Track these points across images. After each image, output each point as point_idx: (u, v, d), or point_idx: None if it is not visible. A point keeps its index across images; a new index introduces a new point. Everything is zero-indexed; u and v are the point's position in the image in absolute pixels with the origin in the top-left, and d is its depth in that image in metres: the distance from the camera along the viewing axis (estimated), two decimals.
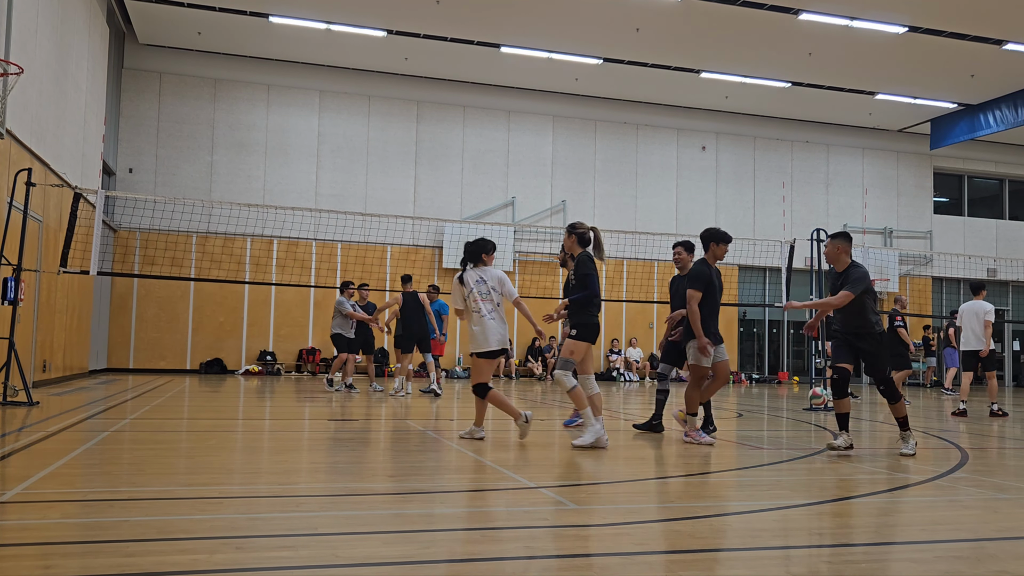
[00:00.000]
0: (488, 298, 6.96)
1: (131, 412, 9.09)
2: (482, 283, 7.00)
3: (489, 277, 7.03)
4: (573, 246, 7.18)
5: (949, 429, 9.63)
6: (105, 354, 19.26)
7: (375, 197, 21.43)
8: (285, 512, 4.08)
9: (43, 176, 12.46)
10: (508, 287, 7.07)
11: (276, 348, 20.57)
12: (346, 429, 8.11)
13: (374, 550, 3.35)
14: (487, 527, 3.92)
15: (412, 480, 5.15)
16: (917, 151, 26.12)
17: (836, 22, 17.42)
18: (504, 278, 7.09)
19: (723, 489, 5.20)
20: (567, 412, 10.06)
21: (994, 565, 3.31)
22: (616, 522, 3.95)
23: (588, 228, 7.20)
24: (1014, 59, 19.15)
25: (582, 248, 7.15)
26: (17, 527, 3.57)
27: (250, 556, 3.19)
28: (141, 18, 18.67)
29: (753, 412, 11.82)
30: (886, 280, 24.36)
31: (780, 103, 23.34)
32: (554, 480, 5.22)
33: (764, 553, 3.46)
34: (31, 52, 11.66)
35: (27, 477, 4.75)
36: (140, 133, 20.19)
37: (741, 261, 22.96)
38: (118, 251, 19.27)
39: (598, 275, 7.12)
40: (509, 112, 22.76)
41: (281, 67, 21.16)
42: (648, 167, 23.76)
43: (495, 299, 6.98)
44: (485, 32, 18.89)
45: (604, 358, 22.73)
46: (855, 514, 4.40)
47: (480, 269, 7.08)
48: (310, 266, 20.77)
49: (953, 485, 5.30)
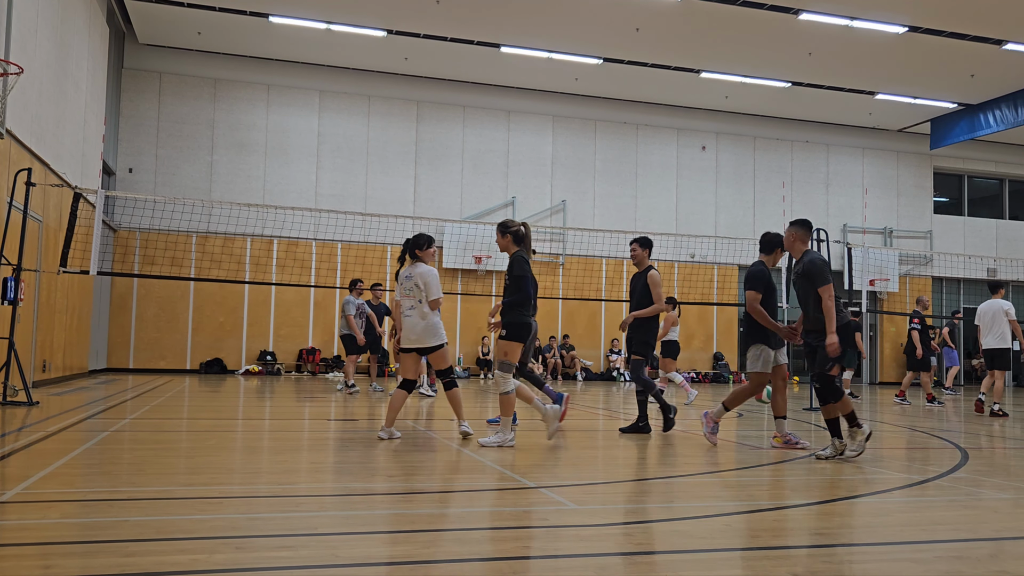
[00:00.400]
0: (410, 295, 6.97)
1: (131, 412, 9.09)
2: (408, 279, 7.01)
3: (415, 274, 7.00)
4: (508, 245, 6.91)
5: (949, 429, 9.64)
6: (105, 354, 19.26)
7: (375, 197, 21.43)
8: (285, 512, 4.09)
9: (43, 176, 12.45)
10: (432, 288, 6.97)
11: (276, 348, 20.57)
12: (346, 429, 8.11)
13: (374, 550, 3.35)
14: (487, 527, 3.92)
15: (412, 480, 5.15)
16: (917, 151, 26.11)
17: (836, 22, 17.41)
18: (430, 278, 6.99)
19: (723, 489, 5.20)
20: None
21: (994, 565, 3.31)
22: (616, 522, 3.95)
23: (519, 225, 6.95)
24: (1014, 59, 19.15)
25: (517, 247, 6.91)
26: (17, 527, 3.57)
27: (250, 556, 3.19)
28: (141, 18, 18.67)
29: (753, 412, 11.81)
30: (886, 280, 24.37)
31: (780, 103, 23.34)
32: (554, 480, 5.22)
33: (764, 553, 3.46)
34: (31, 52, 11.66)
35: (27, 477, 4.75)
36: (140, 133, 20.18)
37: (741, 261, 22.96)
38: (118, 251, 19.26)
39: (532, 276, 6.96)
40: (509, 112, 22.76)
41: (281, 67, 21.16)
42: (648, 167, 23.76)
43: (417, 296, 6.96)
44: (485, 32, 18.88)
45: (604, 358, 22.73)
46: (855, 514, 4.40)
47: (412, 265, 7.09)
48: (310, 266, 20.77)
49: (953, 485, 5.30)
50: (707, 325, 23.88)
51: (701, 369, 23.59)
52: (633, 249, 8.19)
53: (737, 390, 7.18)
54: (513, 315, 6.79)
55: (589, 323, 22.48)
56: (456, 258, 21.31)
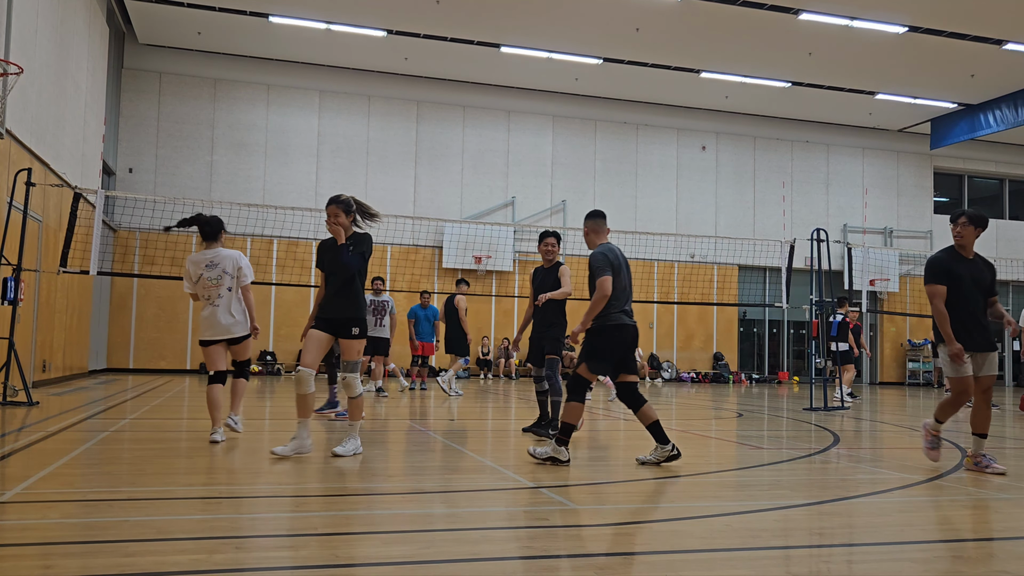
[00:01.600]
0: (217, 282, 6.52)
1: (131, 412, 9.09)
2: (213, 266, 6.54)
3: (223, 259, 6.58)
4: (349, 227, 5.97)
5: (949, 429, 9.63)
6: (105, 354, 19.26)
7: (375, 197, 21.40)
8: (285, 512, 4.08)
9: (43, 176, 12.45)
10: (249, 272, 6.62)
11: (276, 348, 20.57)
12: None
13: (374, 550, 3.35)
14: (487, 527, 3.92)
15: (412, 480, 5.15)
16: (917, 151, 26.11)
17: (836, 22, 17.42)
18: (243, 262, 6.61)
19: (723, 489, 5.20)
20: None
21: (994, 565, 3.31)
22: (616, 522, 3.95)
23: (348, 197, 6.00)
24: (1014, 59, 19.15)
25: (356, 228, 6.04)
26: (17, 527, 3.57)
27: (250, 556, 3.19)
28: (141, 18, 18.67)
29: (753, 412, 11.81)
30: (886, 280, 24.37)
31: (780, 103, 23.34)
32: (554, 480, 5.22)
33: (764, 553, 3.46)
34: (31, 52, 11.66)
35: (27, 477, 4.75)
36: (140, 133, 20.19)
37: (741, 261, 22.97)
38: (118, 251, 19.26)
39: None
40: (509, 112, 22.76)
41: (281, 67, 21.16)
42: (648, 167, 23.76)
43: (227, 283, 6.54)
44: (485, 32, 18.88)
45: None
46: (855, 514, 4.39)
47: (213, 250, 6.62)
48: (310, 266, 20.75)
49: (953, 485, 5.30)
50: (707, 325, 23.88)
51: (701, 369, 23.59)
52: (552, 244, 7.64)
53: (942, 402, 6.14)
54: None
55: None
56: (456, 258, 21.31)
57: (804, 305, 14.16)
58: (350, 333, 5.82)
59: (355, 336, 5.83)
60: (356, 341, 5.84)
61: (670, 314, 23.48)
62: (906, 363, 25.32)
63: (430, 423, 8.90)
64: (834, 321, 14.17)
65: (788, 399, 15.51)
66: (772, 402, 14.51)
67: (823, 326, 13.55)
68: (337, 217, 5.88)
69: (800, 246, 15.68)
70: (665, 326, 23.52)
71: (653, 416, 5.76)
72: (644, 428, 5.80)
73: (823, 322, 13.51)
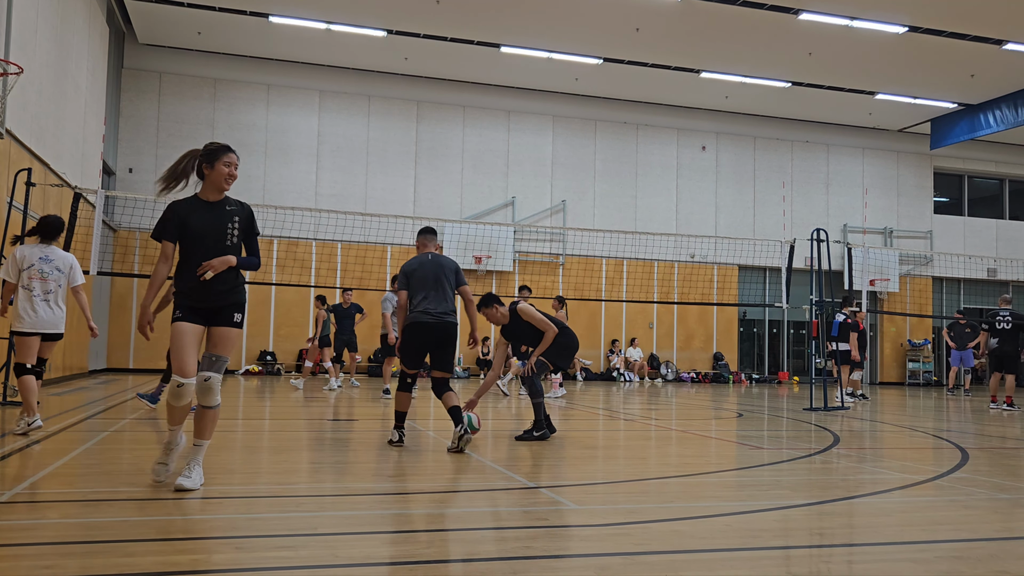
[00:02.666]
0: (48, 278, 6.71)
1: (131, 412, 9.09)
2: (47, 262, 6.74)
3: (56, 259, 6.79)
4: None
5: (949, 429, 9.63)
6: (105, 354, 19.26)
7: (375, 197, 21.43)
8: (285, 512, 4.08)
9: (43, 176, 12.45)
10: (80, 274, 6.87)
11: (276, 348, 20.57)
12: (346, 429, 8.11)
13: (374, 550, 3.35)
14: (487, 527, 3.92)
15: (412, 480, 5.15)
16: (917, 151, 26.11)
17: (836, 22, 17.41)
18: (76, 263, 6.88)
19: (723, 489, 5.20)
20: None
21: (994, 565, 3.31)
22: (616, 522, 3.95)
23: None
24: (1014, 59, 19.15)
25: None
26: (17, 527, 3.57)
27: (250, 556, 3.19)
28: (141, 18, 18.67)
29: (753, 412, 11.81)
30: (886, 280, 24.37)
31: (780, 103, 23.34)
32: (554, 480, 5.22)
33: (764, 553, 3.46)
34: (31, 52, 11.66)
35: (27, 477, 4.75)
36: (140, 133, 20.18)
37: (741, 261, 22.98)
38: (118, 251, 19.26)
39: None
40: (509, 112, 22.76)
41: (281, 67, 21.16)
42: (648, 167, 23.76)
43: (58, 281, 6.77)
44: (485, 32, 18.88)
45: (604, 358, 22.73)
46: (855, 514, 4.39)
47: (46, 248, 6.81)
48: (310, 266, 20.77)
49: (953, 485, 5.30)
50: (707, 325, 23.88)
51: (701, 369, 23.59)
52: (495, 309, 7.75)
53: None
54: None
55: (589, 323, 22.46)
56: (456, 258, 21.13)
57: (804, 305, 14.16)
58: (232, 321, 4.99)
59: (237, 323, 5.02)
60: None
61: (670, 314, 23.48)
62: (906, 363, 25.32)
63: (430, 423, 8.90)
64: (835, 321, 14.17)
65: (788, 399, 15.52)
66: (772, 402, 14.52)
67: (823, 326, 13.56)
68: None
69: (800, 246, 15.68)
70: (665, 326, 23.52)
71: (453, 402, 6.37)
72: (642, 428, 5.82)
73: (823, 322, 13.52)
